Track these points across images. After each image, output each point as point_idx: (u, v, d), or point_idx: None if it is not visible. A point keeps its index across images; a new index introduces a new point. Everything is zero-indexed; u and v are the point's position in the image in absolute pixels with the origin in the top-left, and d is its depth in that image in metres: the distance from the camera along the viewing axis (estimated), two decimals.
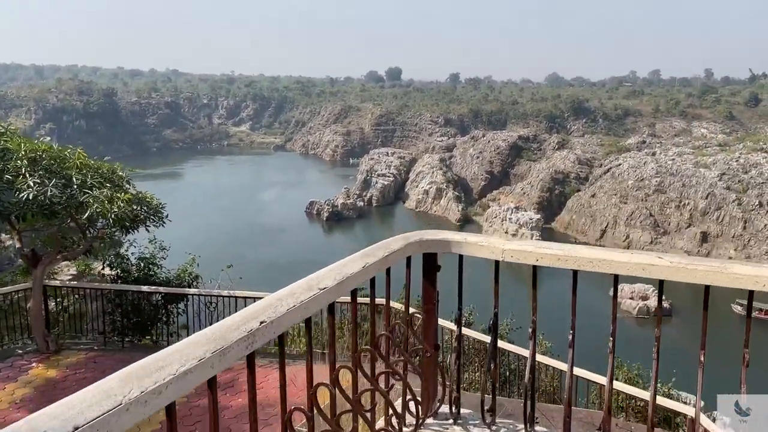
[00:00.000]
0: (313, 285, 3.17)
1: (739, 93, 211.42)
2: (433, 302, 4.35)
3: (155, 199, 16.15)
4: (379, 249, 4.00)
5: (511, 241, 4.04)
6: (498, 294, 4.80)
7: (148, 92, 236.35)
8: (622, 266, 3.64)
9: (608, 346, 4.53)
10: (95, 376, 12.47)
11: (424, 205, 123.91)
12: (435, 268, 4.38)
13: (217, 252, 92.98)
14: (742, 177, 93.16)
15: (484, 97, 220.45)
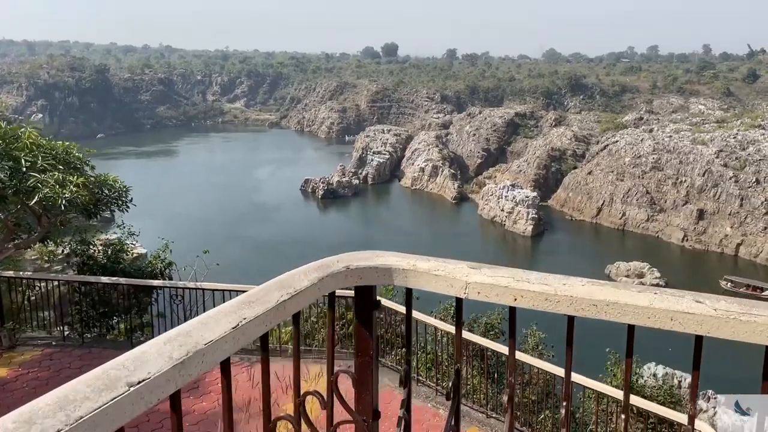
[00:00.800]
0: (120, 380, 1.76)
1: (737, 69, 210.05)
2: (370, 353, 3.07)
3: (119, 182, 14.88)
4: (277, 289, 2.64)
5: (478, 270, 2.83)
6: (461, 348, 3.57)
7: (141, 69, 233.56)
8: (640, 313, 2.62)
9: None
10: (50, 376, 11.58)
11: (420, 183, 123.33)
12: (371, 304, 3.08)
13: (211, 230, 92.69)
14: (739, 154, 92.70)
15: (480, 74, 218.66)
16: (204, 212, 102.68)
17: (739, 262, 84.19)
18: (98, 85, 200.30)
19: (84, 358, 12.51)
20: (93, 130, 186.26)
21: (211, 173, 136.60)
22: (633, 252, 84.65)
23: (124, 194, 14.30)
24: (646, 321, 2.61)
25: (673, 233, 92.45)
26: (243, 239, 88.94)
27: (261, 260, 79.88)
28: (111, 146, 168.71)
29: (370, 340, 3.09)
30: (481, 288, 2.72)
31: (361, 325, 3.10)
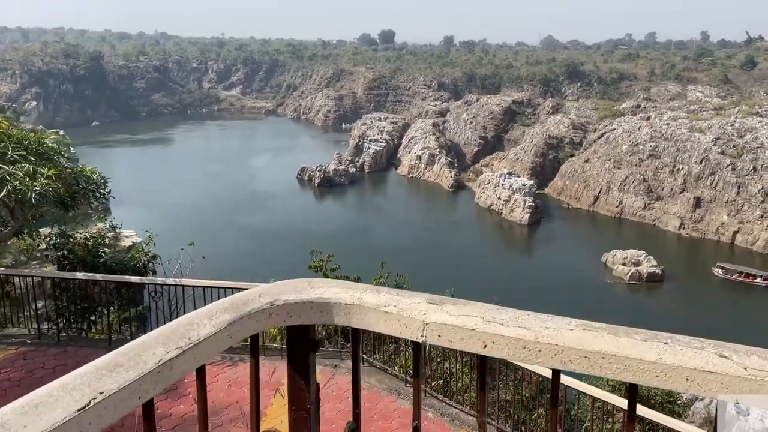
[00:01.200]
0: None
1: (735, 56, 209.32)
2: (307, 406, 2.42)
3: (97, 173, 14.06)
4: (162, 343, 1.95)
5: (440, 306, 2.22)
6: (420, 404, 2.47)
7: (136, 56, 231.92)
8: (646, 370, 2.03)
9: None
10: (23, 376, 11.12)
11: (417, 171, 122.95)
12: (307, 346, 2.46)
13: (206, 219, 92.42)
14: (737, 142, 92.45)
15: (478, 61, 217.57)
16: (199, 201, 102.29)
17: (735, 250, 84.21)
18: (93, 73, 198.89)
19: (59, 357, 11.98)
20: (88, 117, 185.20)
21: (207, 161, 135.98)
22: (630, 240, 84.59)
23: (101, 186, 13.38)
24: (654, 380, 2.01)
25: (670, 221, 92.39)
26: (239, 228, 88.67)
27: (257, 250, 79.67)
28: (106, 134, 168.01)
29: (307, 391, 2.40)
30: (442, 330, 2.13)
31: (295, 373, 2.41)
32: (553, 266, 79.16)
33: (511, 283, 71.32)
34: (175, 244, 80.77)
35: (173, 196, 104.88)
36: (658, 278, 73.18)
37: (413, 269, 73.72)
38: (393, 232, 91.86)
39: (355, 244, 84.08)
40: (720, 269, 76.06)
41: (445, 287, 67.03)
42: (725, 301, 70.62)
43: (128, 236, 69.97)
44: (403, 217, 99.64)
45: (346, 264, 69.26)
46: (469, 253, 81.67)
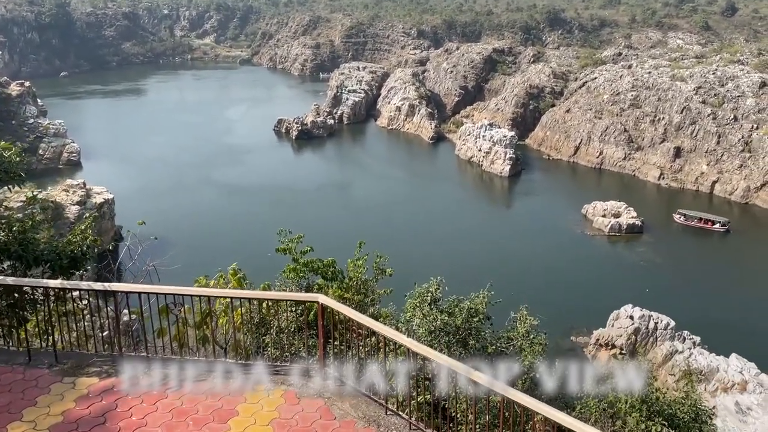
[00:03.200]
0: None
1: (716, 2, 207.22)
2: None
3: (12, 150, 11.37)
4: None
5: None
6: None
7: (104, 2, 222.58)
8: None
9: None
10: None
11: (397, 123, 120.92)
12: None
13: (181, 174, 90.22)
14: (718, 90, 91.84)
15: (458, 7, 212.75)
16: (173, 155, 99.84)
17: (714, 200, 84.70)
18: (59, 20, 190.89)
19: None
20: (56, 68, 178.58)
21: (181, 113, 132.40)
22: (610, 191, 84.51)
23: (15, 166, 10.66)
24: None
25: (650, 171, 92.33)
26: (214, 185, 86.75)
27: (231, 210, 77.96)
28: (76, 85, 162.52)
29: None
30: None
31: None
32: (533, 219, 79.00)
33: (492, 239, 71.11)
34: (147, 204, 78.66)
35: (146, 150, 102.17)
36: (637, 229, 73.39)
37: (395, 228, 73.40)
38: (373, 186, 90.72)
39: (335, 200, 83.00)
40: (680, 216, 76.82)
41: (427, 248, 66.47)
42: (702, 249, 71.34)
43: (99, 192, 68.27)
44: (384, 171, 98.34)
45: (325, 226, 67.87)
46: (449, 209, 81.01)
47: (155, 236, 13.14)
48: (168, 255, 12.45)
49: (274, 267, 12.81)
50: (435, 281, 10.83)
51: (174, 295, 8.97)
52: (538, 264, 64.71)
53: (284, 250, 11.85)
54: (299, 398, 8.09)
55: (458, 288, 11.77)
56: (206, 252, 62.01)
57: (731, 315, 53.32)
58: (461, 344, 9.95)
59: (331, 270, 11.77)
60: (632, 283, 60.29)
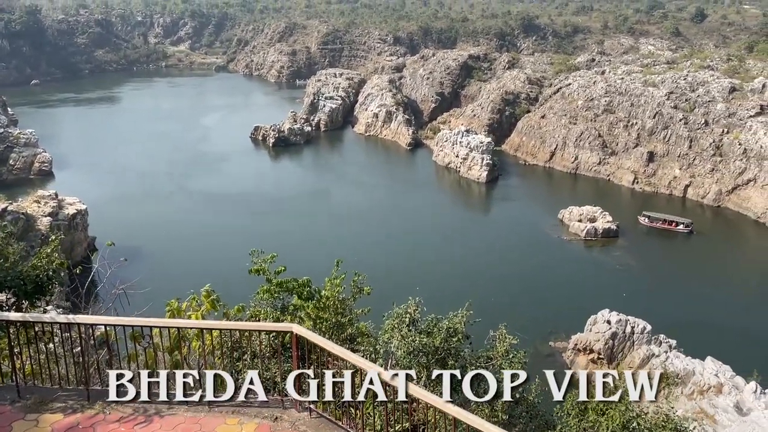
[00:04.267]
0: None
1: (686, 8, 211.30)
2: None
3: None
4: None
5: None
6: None
7: (76, 9, 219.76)
8: None
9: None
10: None
11: (374, 129, 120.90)
12: None
13: (156, 183, 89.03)
14: (689, 96, 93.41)
15: (433, 14, 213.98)
16: (148, 164, 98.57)
17: (687, 204, 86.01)
18: (30, 28, 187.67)
19: None
20: (27, 76, 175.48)
21: (156, 121, 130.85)
22: (585, 196, 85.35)
23: None
24: None
25: (624, 176, 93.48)
26: (189, 193, 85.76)
27: (207, 219, 77.08)
28: (48, 93, 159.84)
29: None
30: None
31: None
32: (511, 225, 79.48)
33: (470, 245, 71.34)
34: (120, 213, 77.46)
35: (120, 159, 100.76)
36: (613, 234, 74.19)
37: (373, 235, 73.30)
38: (351, 193, 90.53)
39: (312, 208, 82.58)
40: (645, 218, 78.10)
41: (405, 255, 66.50)
42: (674, 251, 72.36)
43: (71, 203, 66.99)
44: (362, 177, 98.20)
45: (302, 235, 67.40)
46: (427, 215, 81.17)
47: (125, 257, 12.55)
48: (138, 278, 12.08)
49: (249, 282, 12.55)
50: (413, 301, 10.68)
51: (142, 326, 8.67)
52: (516, 269, 65.13)
53: (257, 271, 11.58)
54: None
55: (437, 298, 11.70)
56: (180, 265, 61.31)
57: (704, 316, 54.16)
58: (440, 364, 9.81)
59: (306, 290, 11.55)
60: (609, 287, 60.91)
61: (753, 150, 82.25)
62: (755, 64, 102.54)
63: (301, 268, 12.92)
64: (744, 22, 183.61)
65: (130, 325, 8.57)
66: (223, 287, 12.38)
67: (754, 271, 68.29)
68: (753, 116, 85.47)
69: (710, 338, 48.97)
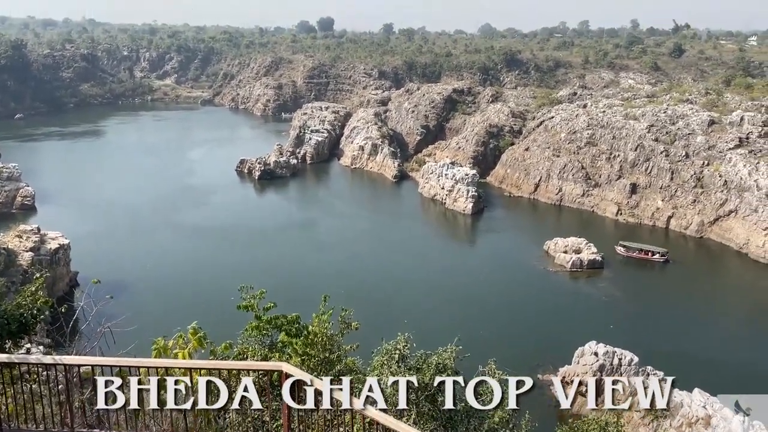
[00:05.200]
0: None
1: (664, 44, 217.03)
2: None
3: None
4: None
5: None
6: None
7: (62, 44, 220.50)
8: None
9: None
10: None
11: (360, 162, 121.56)
12: None
13: (141, 217, 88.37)
14: (669, 128, 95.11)
15: (418, 49, 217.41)
16: (134, 198, 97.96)
17: (670, 235, 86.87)
18: (15, 62, 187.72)
19: None
20: (11, 110, 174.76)
21: (142, 154, 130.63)
22: (570, 227, 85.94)
23: None
24: None
25: (608, 207, 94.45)
26: (175, 227, 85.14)
27: (193, 254, 76.61)
28: (33, 127, 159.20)
29: None
30: None
31: None
32: (497, 256, 79.71)
33: (457, 276, 71.35)
34: (104, 248, 76.66)
35: (105, 193, 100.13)
36: (598, 265, 74.57)
37: (360, 268, 73.13)
38: (338, 225, 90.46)
39: (299, 241, 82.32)
40: (622, 248, 78.86)
41: (392, 287, 66.27)
42: (660, 282, 72.82)
43: (54, 238, 66.24)
44: (348, 210, 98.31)
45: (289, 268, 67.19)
46: (414, 247, 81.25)
47: (111, 294, 12.42)
48: (124, 316, 11.93)
49: (237, 317, 12.43)
50: (402, 337, 10.63)
51: (129, 367, 8.54)
52: (503, 301, 65.11)
53: (246, 308, 11.49)
54: None
55: (425, 331, 11.62)
56: (166, 301, 60.59)
57: (690, 347, 54.31)
58: (430, 401, 9.73)
59: (295, 326, 11.46)
60: (595, 319, 60.97)
61: (733, 182, 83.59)
62: (733, 97, 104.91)
63: (288, 302, 12.84)
64: (721, 57, 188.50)
65: (117, 365, 8.44)
66: (210, 323, 12.26)
67: (738, 301, 68.86)
68: (732, 148, 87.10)
69: (696, 369, 49.02)
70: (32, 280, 10.97)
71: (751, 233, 79.07)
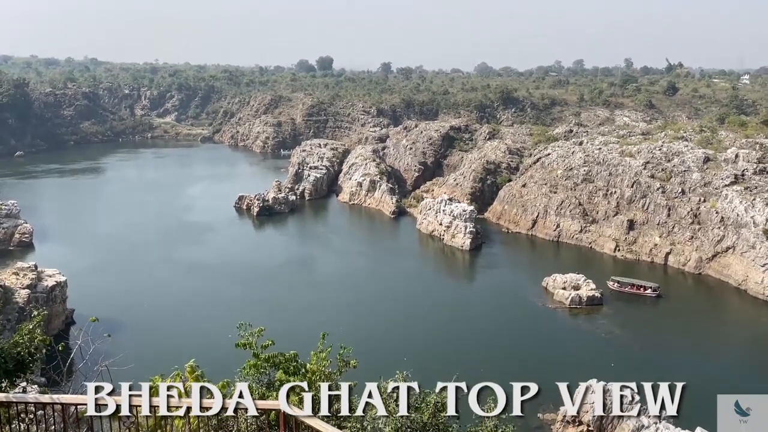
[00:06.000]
0: None
1: (658, 82, 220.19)
2: None
3: None
4: None
5: None
6: None
7: (64, 82, 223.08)
8: None
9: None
10: None
11: (358, 198, 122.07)
12: None
13: (139, 254, 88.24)
14: (665, 165, 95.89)
15: (415, 87, 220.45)
16: (132, 234, 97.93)
17: (669, 271, 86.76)
18: (17, 101, 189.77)
19: None
20: (11, 148, 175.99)
21: (141, 191, 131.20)
22: (568, 263, 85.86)
23: None
24: None
25: (606, 244, 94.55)
26: (173, 264, 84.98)
27: (191, 290, 76.37)
28: (33, 164, 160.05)
29: None
30: None
31: None
32: (496, 293, 79.38)
33: (455, 313, 70.99)
34: (102, 285, 76.17)
35: (104, 230, 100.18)
36: (597, 301, 74.28)
37: (358, 304, 72.81)
38: (336, 262, 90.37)
39: (297, 277, 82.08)
40: (614, 283, 78.77)
41: (391, 324, 65.91)
42: (660, 319, 72.38)
43: (51, 275, 65.95)
44: (346, 246, 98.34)
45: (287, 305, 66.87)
46: (412, 284, 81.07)
47: (108, 333, 12.37)
48: (121, 354, 11.89)
49: (234, 355, 12.37)
50: (401, 375, 10.59)
51: None
52: (502, 338, 64.63)
53: (244, 345, 11.47)
54: None
55: (423, 369, 11.55)
56: (164, 338, 60.19)
57: (691, 384, 53.63)
58: None
59: (293, 364, 11.42)
60: (596, 357, 60.45)
61: (730, 218, 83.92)
62: (727, 135, 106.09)
63: (287, 340, 12.80)
64: (714, 95, 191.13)
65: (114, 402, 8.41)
66: (208, 361, 12.21)
67: (740, 340, 68.41)
68: (728, 185, 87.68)
69: (698, 406, 48.36)
70: (30, 318, 10.97)
71: (750, 270, 79.03)
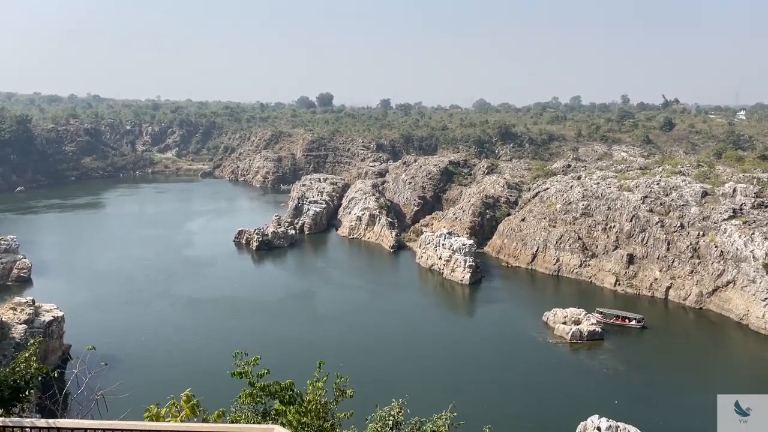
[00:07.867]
0: None
1: (654, 118, 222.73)
2: None
3: None
4: None
5: None
6: None
7: (66, 119, 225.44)
8: None
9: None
10: None
11: (358, 232, 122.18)
12: None
13: (138, 289, 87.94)
14: (663, 200, 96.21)
15: (414, 123, 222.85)
16: (131, 269, 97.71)
17: (669, 306, 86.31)
18: (19, 137, 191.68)
19: None
20: (12, 183, 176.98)
21: (141, 226, 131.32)
22: (569, 298, 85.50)
23: None
24: None
25: (606, 278, 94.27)
26: (172, 298, 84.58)
27: (189, 324, 75.98)
28: (34, 199, 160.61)
29: None
30: None
31: None
32: (496, 327, 78.81)
33: (454, 346, 70.44)
34: (100, 320, 75.89)
35: (102, 264, 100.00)
36: (598, 336, 73.70)
37: (357, 338, 72.34)
38: (335, 296, 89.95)
39: (296, 311, 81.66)
40: (599, 314, 78.48)
41: (389, 357, 65.32)
42: (661, 355, 71.71)
43: (48, 310, 65.56)
44: (346, 280, 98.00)
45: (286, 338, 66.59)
46: (412, 318, 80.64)
47: (105, 362, 12.29)
48: (117, 384, 11.85)
49: (230, 385, 12.32)
50: (397, 403, 10.55)
51: (122, 430, 8.47)
52: (502, 373, 63.96)
53: (240, 374, 11.43)
54: None
55: (421, 400, 11.49)
56: (160, 370, 59.67)
57: (694, 421, 52.88)
58: None
59: (289, 393, 11.36)
60: (597, 392, 59.74)
61: (729, 252, 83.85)
62: (724, 169, 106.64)
63: (283, 370, 12.77)
64: (711, 131, 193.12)
65: (111, 428, 8.37)
66: (204, 391, 12.16)
67: (744, 375, 67.64)
68: (726, 219, 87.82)
69: None
70: (27, 346, 11.00)
71: (750, 304, 78.65)
